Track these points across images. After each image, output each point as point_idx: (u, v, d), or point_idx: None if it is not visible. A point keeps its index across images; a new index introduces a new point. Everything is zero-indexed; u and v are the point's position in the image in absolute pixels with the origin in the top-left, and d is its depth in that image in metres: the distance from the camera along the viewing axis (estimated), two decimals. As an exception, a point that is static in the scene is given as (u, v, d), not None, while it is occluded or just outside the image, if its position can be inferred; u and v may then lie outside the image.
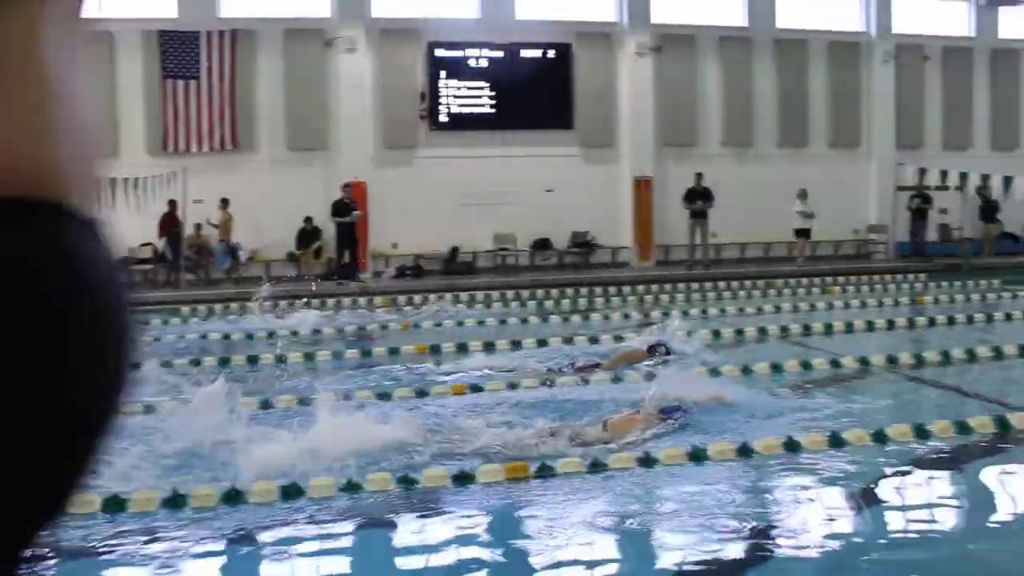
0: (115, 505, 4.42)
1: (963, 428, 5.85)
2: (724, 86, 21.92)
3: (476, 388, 7.45)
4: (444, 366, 8.70)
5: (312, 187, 18.95)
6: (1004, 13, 24.31)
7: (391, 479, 4.87)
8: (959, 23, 24.24)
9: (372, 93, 19.65)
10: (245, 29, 18.99)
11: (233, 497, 4.64)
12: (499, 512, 4.74)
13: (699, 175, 19.63)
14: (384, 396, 7.11)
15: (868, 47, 23.01)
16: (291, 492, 4.72)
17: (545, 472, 5.03)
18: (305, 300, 13.77)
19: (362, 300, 15.43)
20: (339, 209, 17.69)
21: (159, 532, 4.29)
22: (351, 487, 4.80)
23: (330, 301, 15.00)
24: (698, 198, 19.51)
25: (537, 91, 20.35)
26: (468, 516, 4.69)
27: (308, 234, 18.63)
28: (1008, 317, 11.94)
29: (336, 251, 18.05)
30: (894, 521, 4.60)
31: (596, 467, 5.09)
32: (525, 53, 20.51)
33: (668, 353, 8.47)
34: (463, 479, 4.96)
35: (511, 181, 20.07)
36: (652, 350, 8.51)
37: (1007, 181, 19.84)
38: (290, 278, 18.04)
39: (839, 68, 22.82)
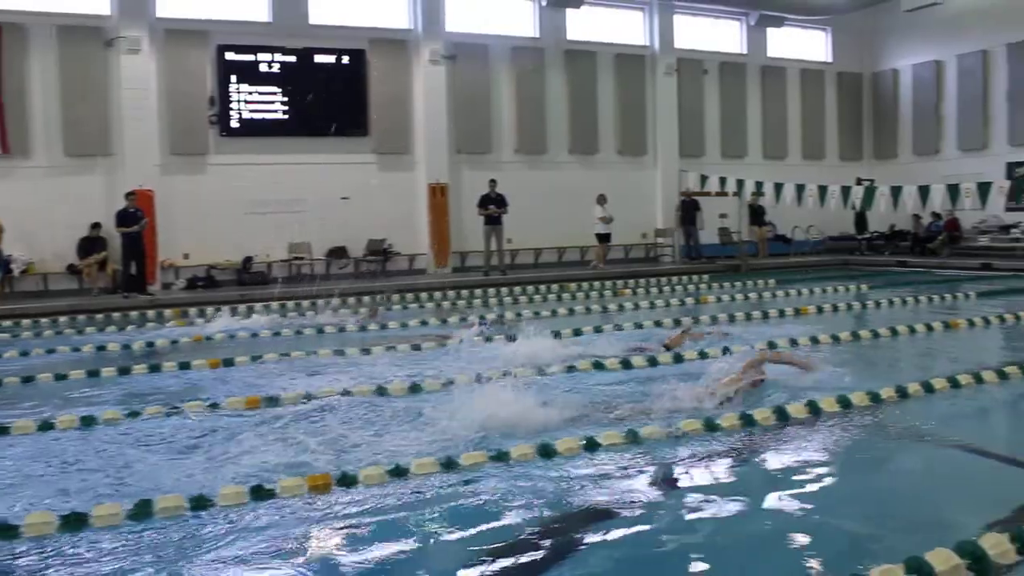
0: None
1: (748, 420, 6.38)
2: (517, 95, 22.45)
3: (272, 400, 7.43)
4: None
5: (94, 196, 18.08)
6: (772, 33, 26.15)
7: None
8: (733, 41, 25.91)
9: (158, 97, 18.87)
10: (13, 23, 17.75)
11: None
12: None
13: (493, 182, 20.08)
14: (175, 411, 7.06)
15: (652, 60, 24.21)
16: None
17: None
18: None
19: (151, 313, 14.96)
20: (124, 219, 16.91)
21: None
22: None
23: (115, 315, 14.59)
24: (492, 204, 19.99)
25: (331, 97, 20.20)
26: None
27: (91, 243, 17.79)
28: (781, 313, 12.89)
29: (122, 263, 17.26)
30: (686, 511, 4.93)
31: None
32: (319, 58, 20.24)
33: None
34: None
35: (306, 188, 19.87)
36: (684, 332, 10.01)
37: (778, 188, 21.39)
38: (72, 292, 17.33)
39: (626, 79, 23.88)
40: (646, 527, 4.62)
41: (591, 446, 5.80)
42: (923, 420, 6.71)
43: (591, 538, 4.44)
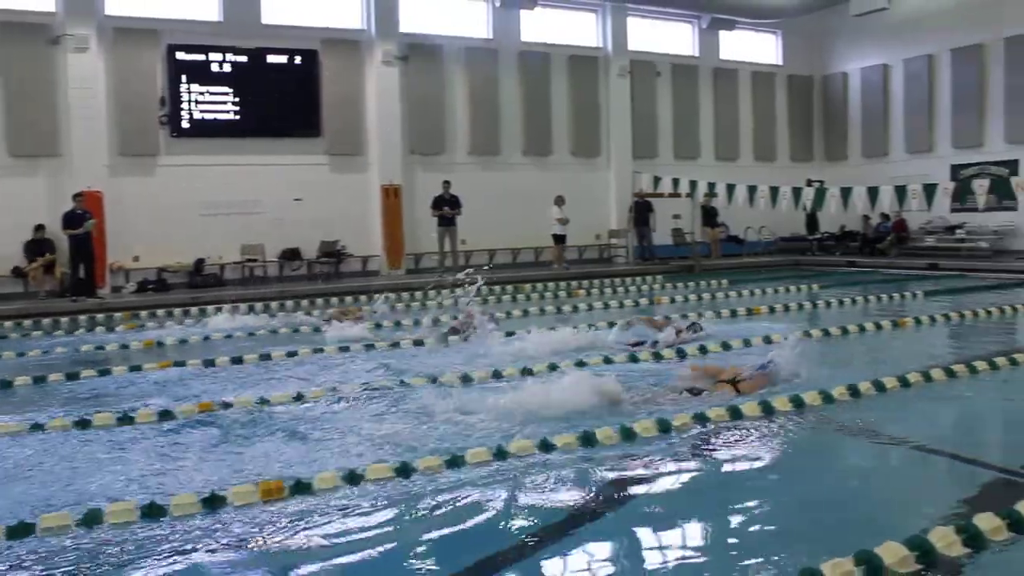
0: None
1: (701, 419, 6.47)
2: (470, 96, 22.44)
3: (226, 405, 7.38)
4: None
5: (39, 197, 17.75)
6: (723, 35, 26.43)
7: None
8: (685, 43, 26.14)
9: (106, 96, 18.56)
10: (-47, 19, 17.41)
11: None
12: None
13: (447, 183, 20.07)
14: (127, 420, 6.95)
15: (605, 62, 24.34)
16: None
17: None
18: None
19: (100, 317, 14.73)
20: (70, 220, 16.60)
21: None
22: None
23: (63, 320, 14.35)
24: (446, 205, 19.97)
25: (284, 98, 20.05)
26: None
27: (38, 245, 17.46)
28: (734, 313, 13.12)
29: (70, 266, 16.95)
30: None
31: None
32: (271, 58, 20.07)
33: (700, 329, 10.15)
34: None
35: (258, 190, 19.70)
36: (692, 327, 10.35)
37: (730, 189, 21.59)
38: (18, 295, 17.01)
39: (579, 81, 23.99)
40: (594, 527, 4.63)
41: (545, 446, 5.82)
42: (874, 418, 6.81)
43: (541, 541, 4.45)
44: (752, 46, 27.33)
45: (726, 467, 5.70)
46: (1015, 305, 12.84)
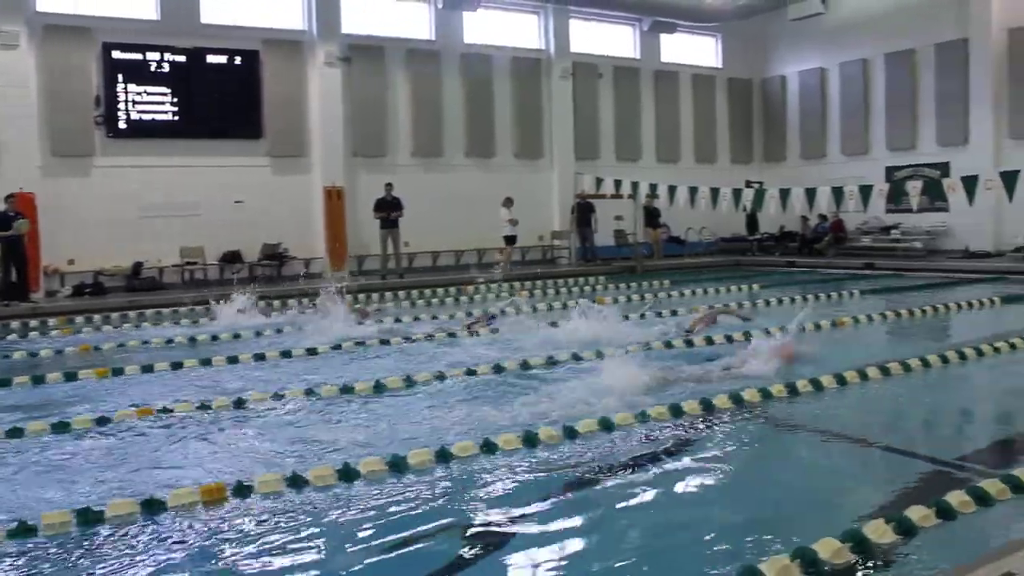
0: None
1: (643, 418, 6.53)
2: (413, 98, 22.37)
3: (166, 410, 7.26)
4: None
5: (-33, 200, 17.27)
6: (664, 38, 26.70)
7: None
8: (627, 46, 26.36)
9: (38, 95, 18.10)
10: None
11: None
12: None
13: (389, 185, 19.96)
14: (63, 426, 6.84)
15: (548, 64, 24.43)
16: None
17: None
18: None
19: (34, 322, 14.37)
20: (1, 222, 16.15)
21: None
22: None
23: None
24: (388, 207, 19.86)
25: (224, 99, 19.78)
26: None
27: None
28: (675, 313, 13.25)
29: (1, 269, 16.49)
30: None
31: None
32: (211, 58, 19.78)
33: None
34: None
35: (198, 192, 19.41)
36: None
37: (672, 190, 21.79)
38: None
39: (522, 83, 24.05)
40: (535, 525, 4.65)
41: (488, 448, 5.82)
42: (812, 415, 6.95)
43: (477, 545, 4.47)
44: (692, 49, 27.66)
45: (663, 464, 5.74)
46: (947, 304, 13.17)
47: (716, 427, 6.50)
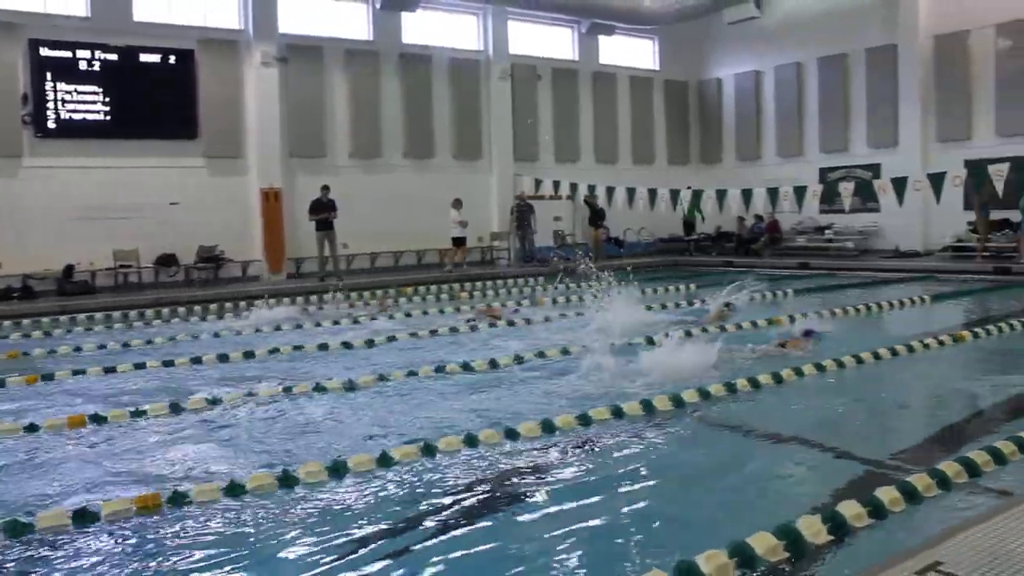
0: None
1: (584, 420, 6.60)
2: (351, 98, 22.19)
3: (97, 418, 7.16)
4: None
5: None
6: (603, 40, 26.90)
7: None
8: (565, 48, 26.50)
9: (-39, 94, 17.65)
10: None
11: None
12: None
13: (325, 187, 19.79)
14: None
15: (487, 65, 24.44)
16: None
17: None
18: None
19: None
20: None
21: None
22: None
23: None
24: (325, 209, 19.66)
25: (158, 99, 19.40)
26: None
27: None
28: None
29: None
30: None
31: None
32: (144, 57, 19.38)
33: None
34: None
35: (132, 193, 18.99)
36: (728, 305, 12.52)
37: (610, 191, 21.94)
38: None
39: (461, 84, 24.01)
40: (455, 527, 4.67)
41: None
42: (749, 413, 7.07)
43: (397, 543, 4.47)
44: (630, 51, 27.91)
45: (603, 462, 5.80)
46: (879, 302, 13.47)
47: (655, 428, 6.57)
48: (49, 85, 18.35)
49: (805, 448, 6.12)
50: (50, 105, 18.36)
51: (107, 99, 18.91)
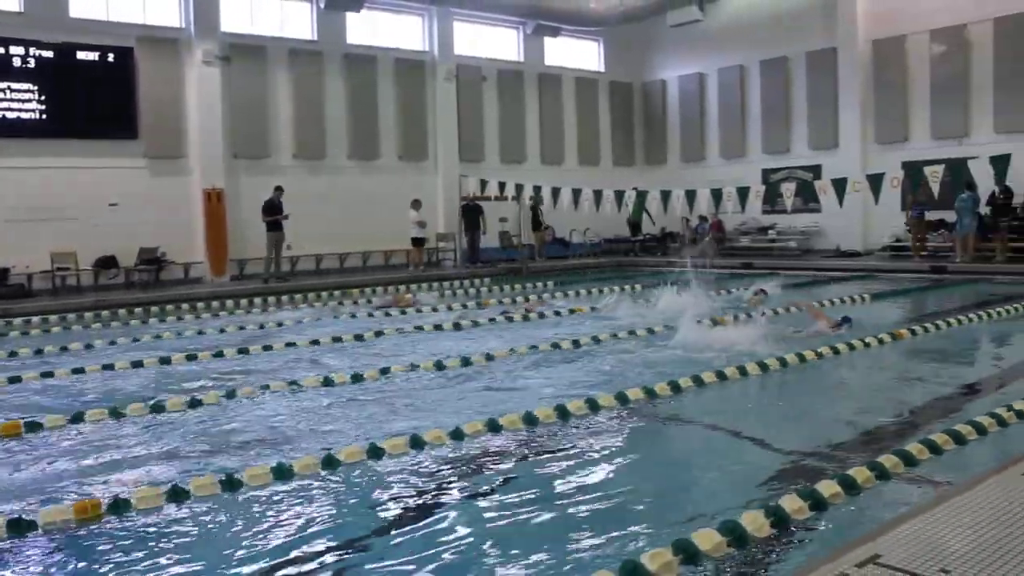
0: None
1: (530, 420, 6.60)
2: (295, 98, 21.97)
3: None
4: None
5: None
6: (548, 42, 27.00)
7: None
8: (511, 49, 26.55)
9: None
10: None
11: None
12: None
13: (279, 188, 19.59)
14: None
15: (432, 66, 24.37)
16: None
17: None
18: None
19: None
20: None
21: None
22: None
23: None
24: (279, 211, 19.43)
25: (96, 97, 19.02)
26: None
27: None
28: (557, 313, 13.56)
29: None
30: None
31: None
32: (81, 55, 18.98)
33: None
34: None
35: (69, 194, 18.56)
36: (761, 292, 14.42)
37: (556, 192, 21.98)
38: None
39: (406, 85, 23.90)
40: (425, 525, 4.65)
41: (375, 452, 5.78)
42: (694, 410, 7.14)
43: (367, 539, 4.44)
44: (576, 53, 28.04)
45: (546, 460, 5.81)
46: (821, 301, 13.69)
47: (601, 425, 6.61)
48: (-18, 83, 17.90)
49: (745, 442, 6.20)
50: (-17, 104, 17.91)
51: (43, 97, 18.48)
